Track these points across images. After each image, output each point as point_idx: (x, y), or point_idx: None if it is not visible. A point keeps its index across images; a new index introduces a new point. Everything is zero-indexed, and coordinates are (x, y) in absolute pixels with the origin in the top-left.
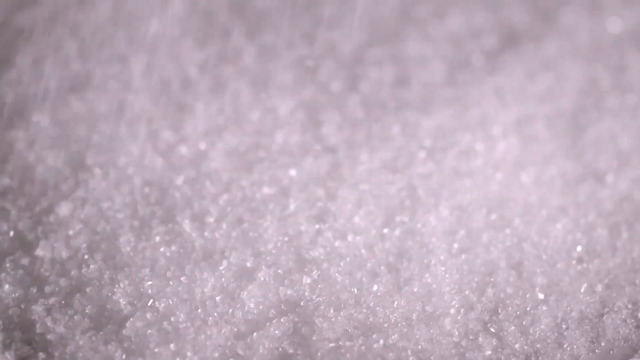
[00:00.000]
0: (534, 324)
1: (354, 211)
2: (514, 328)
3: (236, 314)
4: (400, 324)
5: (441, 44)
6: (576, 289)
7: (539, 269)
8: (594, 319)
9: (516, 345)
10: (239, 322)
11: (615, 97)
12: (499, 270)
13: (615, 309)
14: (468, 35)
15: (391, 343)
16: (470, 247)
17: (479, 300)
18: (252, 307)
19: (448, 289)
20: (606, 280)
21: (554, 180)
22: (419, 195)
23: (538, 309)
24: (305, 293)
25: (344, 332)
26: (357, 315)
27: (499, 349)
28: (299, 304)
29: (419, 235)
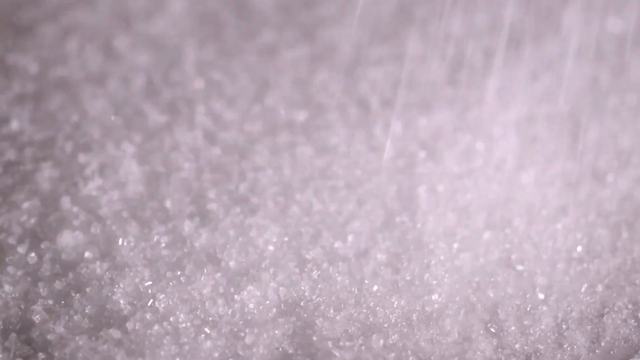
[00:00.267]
0: (534, 324)
1: (354, 211)
2: (514, 328)
3: (236, 314)
4: (400, 324)
5: (441, 43)
6: (576, 289)
7: (539, 269)
8: (594, 319)
9: (516, 345)
10: (239, 323)
11: (615, 97)
12: (499, 270)
13: (615, 309)
14: (468, 34)
15: (391, 343)
16: (470, 247)
17: (479, 301)
18: (252, 308)
19: (448, 289)
20: (606, 280)
21: (554, 180)
22: (419, 195)
23: (538, 309)
24: (305, 293)
25: (344, 332)
26: (357, 315)
27: (499, 349)
28: (299, 304)
29: (419, 235)
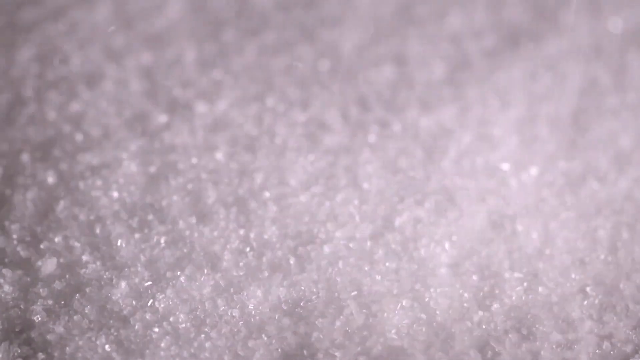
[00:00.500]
0: (535, 325)
1: (354, 212)
2: (514, 329)
3: (236, 314)
4: (400, 324)
5: (441, 43)
6: (577, 289)
7: (539, 269)
8: (595, 319)
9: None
10: (239, 323)
11: (615, 97)
12: (499, 270)
13: (615, 309)
14: (468, 34)
15: (391, 344)
16: (470, 247)
17: (479, 301)
18: (252, 308)
19: (448, 288)
20: (607, 280)
21: (554, 179)
22: (419, 196)
23: (539, 309)
24: (305, 293)
25: (344, 333)
26: (358, 316)
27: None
28: (299, 304)
29: (419, 234)
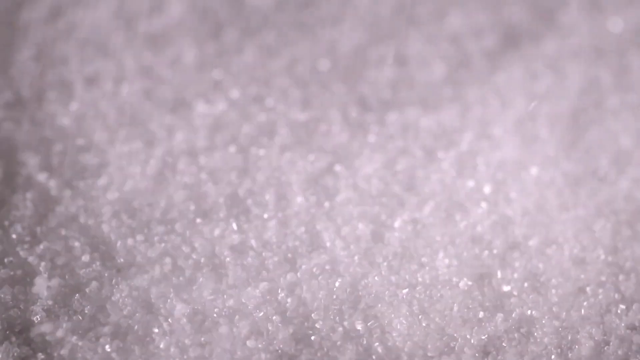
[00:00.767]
0: (535, 325)
1: (354, 212)
2: (514, 329)
3: (236, 315)
4: (400, 326)
5: (441, 43)
6: (577, 289)
7: (540, 270)
8: (594, 319)
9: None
10: (239, 324)
11: (616, 97)
12: (499, 270)
13: (616, 310)
14: (468, 34)
15: (391, 344)
16: (471, 247)
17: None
18: (252, 309)
19: (448, 288)
20: (607, 280)
21: (554, 179)
22: (419, 196)
23: (539, 310)
24: (305, 294)
25: (344, 333)
26: (358, 317)
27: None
28: (298, 305)
29: (419, 235)
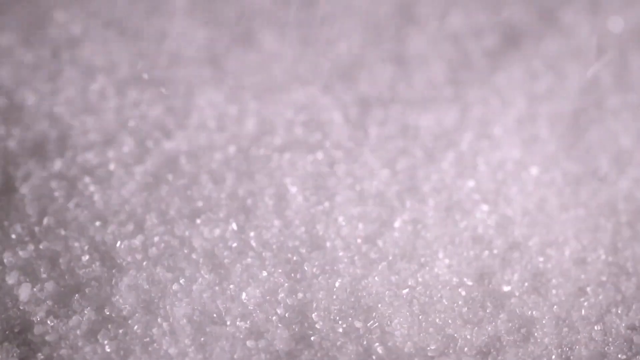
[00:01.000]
0: (535, 325)
1: (354, 212)
2: (515, 329)
3: (236, 315)
4: (400, 325)
5: (441, 43)
6: (577, 289)
7: (540, 270)
8: (595, 319)
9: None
10: (239, 323)
11: (616, 97)
12: (499, 270)
13: (616, 310)
14: (468, 34)
15: (391, 345)
16: (471, 247)
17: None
18: (252, 309)
19: (449, 288)
20: (608, 280)
21: (555, 179)
22: (419, 196)
23: (540, 310)
24: (304, 294)
25: (344, 333)
26: (358, 317)
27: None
28: (298, 304)
29: (419, 235)
